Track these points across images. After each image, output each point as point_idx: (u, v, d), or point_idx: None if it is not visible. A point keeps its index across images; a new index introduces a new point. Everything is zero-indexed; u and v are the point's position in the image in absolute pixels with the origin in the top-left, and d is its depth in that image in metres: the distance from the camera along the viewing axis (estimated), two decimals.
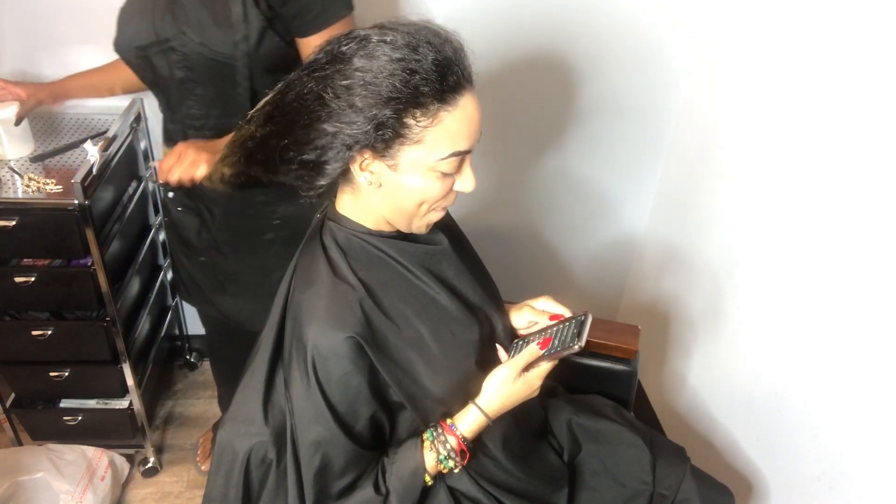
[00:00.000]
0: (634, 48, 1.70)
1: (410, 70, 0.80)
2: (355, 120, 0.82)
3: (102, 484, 1.67)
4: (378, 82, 0.80)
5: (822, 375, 1.25)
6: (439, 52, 0.82)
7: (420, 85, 0.81)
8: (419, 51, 0.81)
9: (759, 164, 1.44)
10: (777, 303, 1.38)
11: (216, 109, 1.26)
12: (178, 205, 1.43)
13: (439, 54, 0.82)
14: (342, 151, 0.84)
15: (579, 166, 1.91)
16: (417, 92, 0.81)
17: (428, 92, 0.81)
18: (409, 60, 0.80)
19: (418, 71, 0.80)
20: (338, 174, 0.88)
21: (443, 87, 0.82)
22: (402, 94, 0.80)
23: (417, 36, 0.82)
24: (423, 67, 0.80)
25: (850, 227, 1.18)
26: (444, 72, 0.82)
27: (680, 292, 1.80)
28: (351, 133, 0.82)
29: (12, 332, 1.56)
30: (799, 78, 1.31)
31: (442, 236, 1.02)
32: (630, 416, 1.29)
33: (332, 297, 0.90)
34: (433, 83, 0.81)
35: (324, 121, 0.83)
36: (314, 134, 0.84)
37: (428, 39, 0.82)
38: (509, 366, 0.97)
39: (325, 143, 0.84)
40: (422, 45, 0.81)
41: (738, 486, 1.46)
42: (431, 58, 0.81)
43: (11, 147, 1.48)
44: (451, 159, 0.86)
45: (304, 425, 0.92)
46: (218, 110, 1.26)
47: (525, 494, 1.08)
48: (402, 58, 0.80)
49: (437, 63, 0.81)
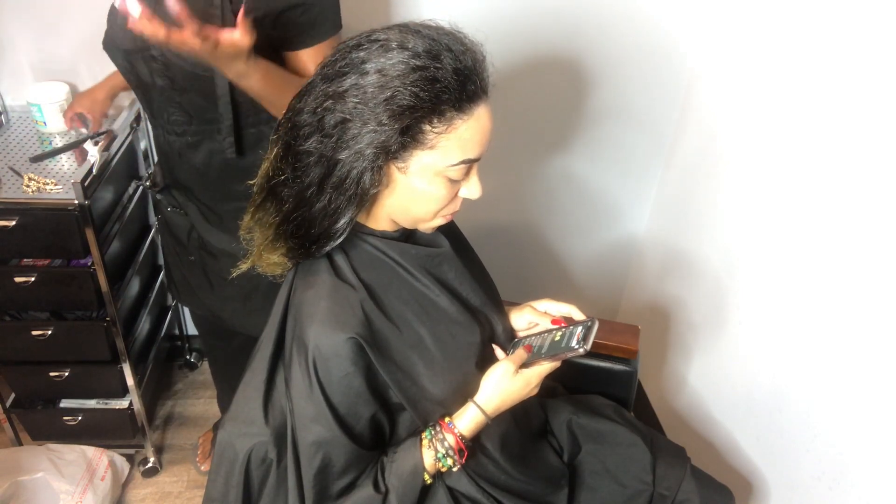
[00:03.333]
0: (636, 51, 1.70)
1: (432, 79, 0.79)
2: (384, 131, 0.81)
3: (102, 484, 1.67)
4: (401, 93, 0.79)
5: (823, 375, 1.25)
6: (460, 60, 0.81)
7: (440, 93, 0.80)
8: (441, 59, 0.80)
9: (759, 165, 1.44)
10: (777, 303, 1.38)
11: (197, 118, 1.25)
12: (169, 205, 1.44)
13: (460, 63, 0.81)
14: (376, 164, 0.83)
15: (580, 168, 1.91)
16: (438, 100, 0.80)
17: (447, 100, 0.81)
18: (430, 68, 0.80)
19: (439, 79, 0.80)
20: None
21: (461, 97, 0.82)
22: (423, 103, 0.80)
23: (439, 41, 0.81)
24: (444, 76, 0.80)
25: (849, 228, 1.18)
26: (464, 81, 0.81)
27: (680, 292, 1.80)
28: (381, 144, 0.81)
29: (12, 332, 1.56)
30: (798, 81, 1.31)
31: (443, 238, 1.02)
32: (630, 416, 1.29)
33: (334, 298, 0.90)
34: (453, 91, 0.81)
35: (351, 146, 0.82)
36: (348, 165, 0.83)
37: (450, 46, 0.81)
38: (506, 362, 0.97)
39: (362, 167, 0.83)
40: (443, 52, 0.81)
41: (738, 486, 1.46)
42: (452, 66, 0.80)
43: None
44: (461, 166, 0.86)
45: (305, 425, 0.92)
46: (199, 119, 1.25)
47: (524, 495, 1.08)
48: (423, 66, 0.80)
49: (457, 72, 0.81)
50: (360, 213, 0.95)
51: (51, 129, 1.58)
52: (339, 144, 0.82)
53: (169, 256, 1.54)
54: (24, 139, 1.57)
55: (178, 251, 1.48)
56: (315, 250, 0.91)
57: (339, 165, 0.83)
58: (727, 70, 1.57)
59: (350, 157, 0.82)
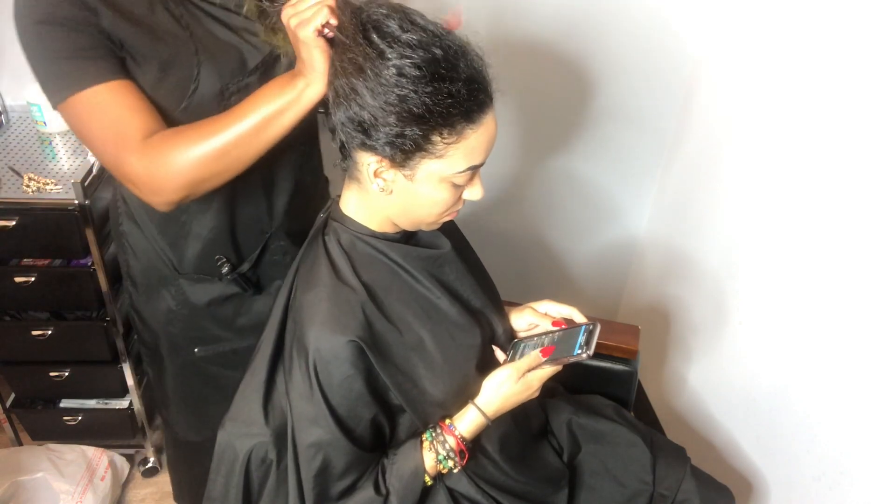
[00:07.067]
0: (636, 53, 1.70)
1: (446, 93, 0.79)
2: (384, 126, 0.81)
3: (102, 484, 1.67)
4: (412, 99, 0.79)
5: (823, 375, 1.25)
6: (471, 69, 0.81)
7: (452, 107, 0.80)
8: (456, 69, 0.80)
9: (759, 166, 1.44)
10: (777, 303, 1.38)
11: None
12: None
13: (471, 72, 0.81)
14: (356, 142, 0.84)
15: (580, 168, 1.91)
16: (448, 113, 0.80)
17: (458, 112, 0.81)
18: (447, 80, 0.79)
19: (452, 93, 0.79)
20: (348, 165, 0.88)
21: (472, 108, 0.81)
22: (433, 114, 0.80)
23: (449, 50, 0.80)
24: (457, 89, 0.79)
25: (849, 228, 1.18)
26: (474, 91, 0.81)
27: (680, 292, 1.80)
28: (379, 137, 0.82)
29: (12, 332, 1.57)
30: (798, 82, 1.31)
31: (444, 239, 1.02)
32: (630, 417, 1.29)
33: (334, 301, 0.90)
34: (463, 103, 0.80)
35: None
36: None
37: (461, 52, 0.81)
38: (511, 367, 0.97)
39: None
40: (457, 61, 0.80)
41: (738, 486, 1.46)
42: (465, 76, 0.80)
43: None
44: (467, 172, 0.86)
45: (304, 427, 0.92)
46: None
47: (524, 496, 1.08)
48: (441, 76, 0.79)
49: (468, 81, 0.80)
50: (361, 215, 0.95)
51: (51, 129, 1.58)
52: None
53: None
54: (24, 139, 1.57)
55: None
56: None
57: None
58: (728, 70, 1.57)
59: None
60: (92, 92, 0.89)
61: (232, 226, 1.12)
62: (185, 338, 1.21)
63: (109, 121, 0.90)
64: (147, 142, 0.89)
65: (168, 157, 0.88)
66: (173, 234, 1.12)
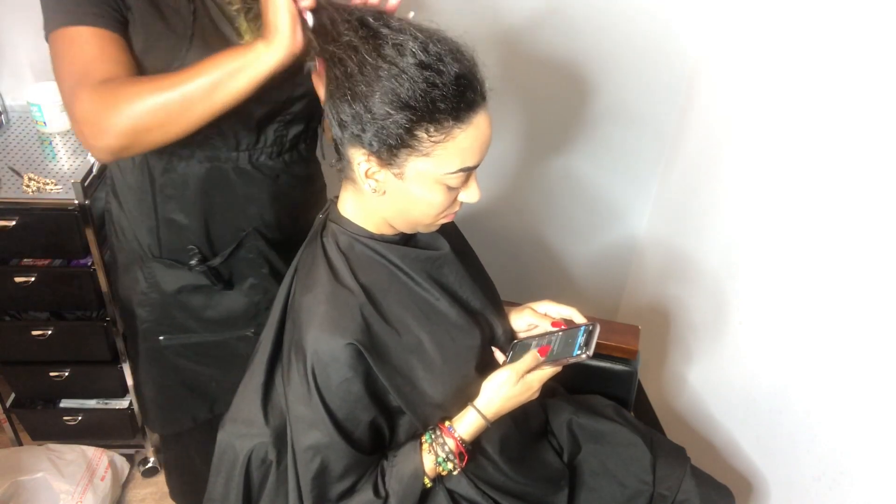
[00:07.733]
0: (636, 53, 1.69)
1: (432, 83, 0.78)
2: (367, 113, 0.80)
3: (102, 484, 1.67)
4: (401, 82, 0.78)
5: (823, 375, 1.25)
6: (460, 66, 0.80)
7: (438, 100, 0.79)
8: (444, 62, 0.79)
9: (759, 166, 1.44)
10: (777, 303, 1.38)
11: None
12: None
13: (460, 69, 0.80)
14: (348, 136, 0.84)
15: (580, 168, 1.91)
16: (434, 108, 0.79)
17: (445, 109, 0.79)
18: (434, 70, 0.78)
19: (438, 85, 0.78)
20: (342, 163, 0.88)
21: (459, 106, 0.80)
22: (418, 105, 0.79)
23: (439, 44, 0.80)
24: (444, 82, 0.78)
25: (850, 228, 1.18)
26: (463, 89, 0.80)
27: (680, 293, 1.80)
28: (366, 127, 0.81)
29: (12, 332, 1.56)
30: (798, 82, 1.31)
31: (443, 241, 1.02)
32: (630, 417, 1.29)
33: (333, 303, 0.90)
34: (451, 100, 0.79)
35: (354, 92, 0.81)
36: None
37: (450, 48, 0.80)
38: (511, 369, 0.97)
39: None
40: (445, 56, 0.79)
41: (738, 486, 1.46)
42: (454, 72, 0.79)
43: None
44: (459, 174, 0.85)
45: (302, 430, 0.92)
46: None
47: (524, 497, 1.07)
48: (428, 64, 0.78)
49: (457, 78, 0.79)
50: (359, 217, 0.95)
51: (51, 129, 1.58)
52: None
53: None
54: (24, 139, 1.57)
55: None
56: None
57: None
58: (728, 71, 1.57)
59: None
60: (80, 30, 0.92)
61: (206, 218, 1.14)
62: (153, 322, 1.23)
63: (82, 60, 0.92)
64: (103, 82, 0.91)
65: (116, 99, 0.89)
66: (148, 215, 1.14)
